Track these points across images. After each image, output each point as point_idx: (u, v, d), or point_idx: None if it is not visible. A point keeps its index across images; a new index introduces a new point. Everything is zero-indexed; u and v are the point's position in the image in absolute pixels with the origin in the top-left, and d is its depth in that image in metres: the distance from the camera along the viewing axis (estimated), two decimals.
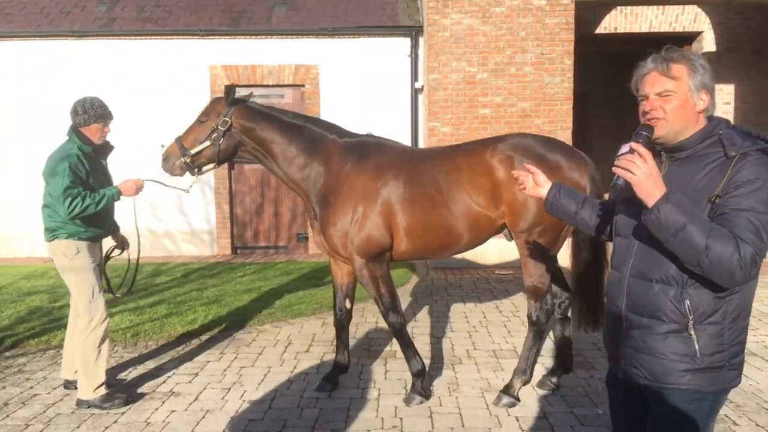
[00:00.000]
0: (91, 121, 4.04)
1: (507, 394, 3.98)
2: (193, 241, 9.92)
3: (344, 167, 4.04)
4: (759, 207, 1.75)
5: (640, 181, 1.75)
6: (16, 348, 5.29)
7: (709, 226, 1.73)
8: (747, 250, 1.70)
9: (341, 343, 4.39)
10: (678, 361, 1.88)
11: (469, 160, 4.00)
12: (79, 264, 4.01)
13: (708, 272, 1.75)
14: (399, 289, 7.18)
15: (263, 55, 9.61)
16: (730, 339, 1.87)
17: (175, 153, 4.10)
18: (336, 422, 3.77)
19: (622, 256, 2.01)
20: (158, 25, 9.66)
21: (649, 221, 1.78)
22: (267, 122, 4.11)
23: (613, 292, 2.05)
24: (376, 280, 4.01)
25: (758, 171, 1.78)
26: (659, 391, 1.94)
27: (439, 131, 8.55)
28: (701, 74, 1.89)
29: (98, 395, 4.01)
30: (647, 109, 1.91)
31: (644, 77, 1.93)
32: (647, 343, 1.93)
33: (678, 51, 1.93)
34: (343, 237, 3.97)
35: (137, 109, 9.10)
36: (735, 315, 1.87)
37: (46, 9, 9.99)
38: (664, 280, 1.88)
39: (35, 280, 7.89)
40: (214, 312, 6.20)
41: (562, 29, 8.48)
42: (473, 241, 4.08)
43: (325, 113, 9.64)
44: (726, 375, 1.89)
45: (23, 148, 9.42)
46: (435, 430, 3.63)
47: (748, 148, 1.82)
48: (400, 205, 3.95)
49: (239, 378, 4.53)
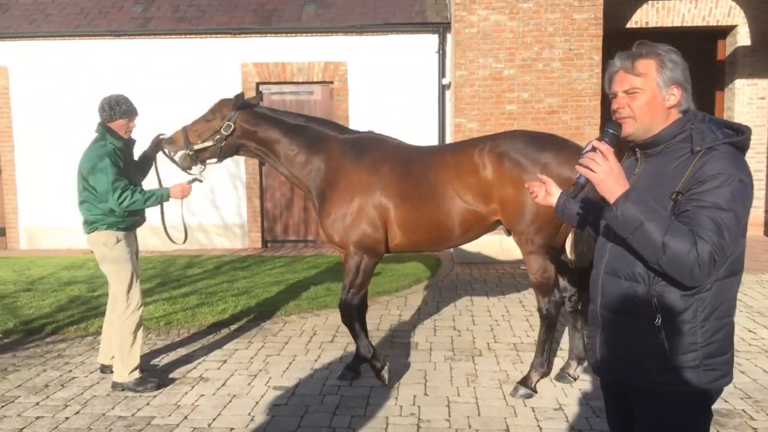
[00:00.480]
0: (117, 116, 4.24)
1: (524, 386, 4.06)
2: (226, 234, 10.18)
3: (343, 163, 4.20)
4: (721, 203, 1.71)
5: (601, 179, 1.75)
6: (56, 334, 5.57)
7: (668, 223, 1.71)
8: (704, 248, 1.67)
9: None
10: (648, 360, 1.85)
11: (458, 158, 4.11)
12: (117, 253, 4.22)
13: (667, 270, 1.73)
14: (425, 283, 7.31)
15: (293, 52, 9.79)
16: (703, 338, 1.81)
17: (178, 142, 4.33)
18: (356, 408, 3.90)
19: (599, 253, 2.01)
20: (192, 25, 9.92)
21: (609, 219, 1.79)
22: (270, 125, 4.31)
23: (592, 290, 2.04)
24: (359, 270, 4.18)
25: (722, 165, 1.74)
26: (639, 392, 1.93)
27: (465, 127, 8.60)
28: (670, 69, 1.85)
29: (132, 378, 4.22)
30: (615, 108, 1.91)
31: (613, 75, 1.92)
32: (619, 340, 1.92)
33: (648, 46, 1.89)
34: (338, 228, 4.14)
35: (170, 106, 9.36)
36: (707, 313, 1.81)
37: (86, 9, 10.35)
38: (631, 277, 1.86)
39: (75, 270, 8.22)
40: (244, 303, 6.40)
41: (590, 24, 8.44)
42: (466, 236, 4.19)
43: (353, 109, 9.81)
44: (702, 375, 1.82)
45: (63, 145, 9.79)
46: (451, 419, 3.74)
47: (714, 142, 1.79)
48: (392, 200, 4.09)
49: (265, 366, 4.71)
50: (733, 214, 1.72)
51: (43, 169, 10.02)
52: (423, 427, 3.63)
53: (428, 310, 6.18)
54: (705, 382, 1.83)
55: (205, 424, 3.73)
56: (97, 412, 3.92)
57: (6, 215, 10.26)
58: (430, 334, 5.41)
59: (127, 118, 4.28)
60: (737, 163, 1.77)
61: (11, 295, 6.87)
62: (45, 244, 10.22)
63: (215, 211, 10.12)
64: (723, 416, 3.71)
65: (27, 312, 6.17)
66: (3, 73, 10.01)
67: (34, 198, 10.15)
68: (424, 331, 5.50)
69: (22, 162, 10.15)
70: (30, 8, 10.46)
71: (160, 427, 3.70)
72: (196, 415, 3.86)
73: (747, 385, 4.17)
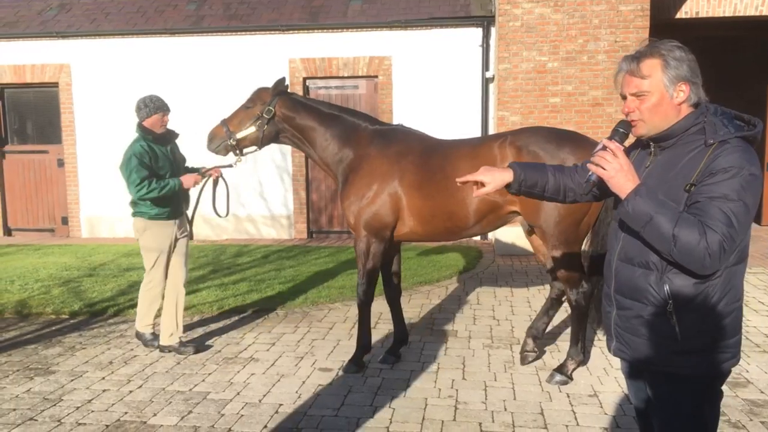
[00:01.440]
0: (151, 113, 4.74)
1: (560, 373, 4.18)
2: (273, 225, 10.52)
3: (368, 150, 4.40)
4: (731, 195, 1.78)
5: (611, 176, 1.86)
6: (118, 316, 5.96)
7: (678, 215, 1.80)
8: (714, 239, 1.75)
9: (395, 316, 4.73)
10: (660, 344, 1.95)
11: (477, 150, 4.24)
12: (144, 241, 4.81)
13: (679, 260, 1.82)
14: (466, 274, 7.44)
15: (339, 47, 10.02)
16: (713, 323, 1.90)
17: (220, 134, 4.57)
18: (396, 390, 4.10)
19: (613, 241, 2.11)
20: (243, 22, 10.26)
21: (622, 214, 1.90)
22: (307, 112, 4.53)
23: (606, 274, 2.14)
24: (369, 254, 4.38)
25: (734, 159, 1.81)
26: (651, 374, 2.04)
27: (508, 120, 8.67)
28: (675, 68, 1.90)
29: (173, 342, 4.85)
30: (626, 112, 1.99)
31: (622, 79, 1.98)
32: (632, 324, 2.02)
33: (651, 46, 1.93)
34: (354, 210, 4.35)
35: (221, 100, 9.70)
36: (717, 299, 1.89)
37: (143, 8, 10.82)
38: (645, 265, 1.95)
39: (132, 257, 8.68)
40: (291, 290, 6.68)
41: (636, 16, 8.37)
42: (482, 225, 4.30)
43: (397, 103, 9.98)
44: (713, 359, 1.91)
45: (123, 140, 10.25)
46: (488, 401, 3.90)
47: (727, 135, 1.86)
48: (409, 189, 4.26)
49: (311, 349, 4.95)
50: (742, 204, 1.79)
51: (102, 161, 10.55)
52: (460, 409, 3.80)
53: (468, 300, 6.33)
54: (716, 365, 1.92)
55: (256, 399, 4.00)
56: (158, 387, 4.23)
57: (69, 205, 10.86)
58: (470, 323, 5.57)
59: (159, 113, 4.76)
60: (749, 156, 1.84)
61: (75, 279, 7.34)
62: (104, 233, 10.78)
63: (263, 202, 10.47)
64: (758, 406, 3.76)
65: (91, 295, 6.60)
66: (66, 70, 10.58)
67: (93, 189, 10.71)
68: (464, 320, 5.65)
69: (83, 155, 10.71)
70: (91, 8, 11.00)
71: (215, 401, 3.98)
72: (247, 391, 4.13)
73: None
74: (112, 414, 3.82)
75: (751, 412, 3.70)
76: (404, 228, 4.37)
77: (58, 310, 6.09)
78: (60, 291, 6.78)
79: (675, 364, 1.95)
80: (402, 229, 4.38)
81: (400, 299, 4.78)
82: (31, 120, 11.09)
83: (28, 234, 11.06)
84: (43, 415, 3.81)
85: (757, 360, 4.53)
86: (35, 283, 7.12)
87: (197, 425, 3.65)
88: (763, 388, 4.04)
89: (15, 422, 3.72)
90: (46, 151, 10.94)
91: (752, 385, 4.09)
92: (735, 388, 4.02)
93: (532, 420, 3.64)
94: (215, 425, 3.64)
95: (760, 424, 3.54)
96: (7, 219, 11.10)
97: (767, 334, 5.09)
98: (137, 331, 5.06)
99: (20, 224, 11.12)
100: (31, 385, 4.30)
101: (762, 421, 3.58)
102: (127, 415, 3.80)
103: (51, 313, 6.03)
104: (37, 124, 11.07)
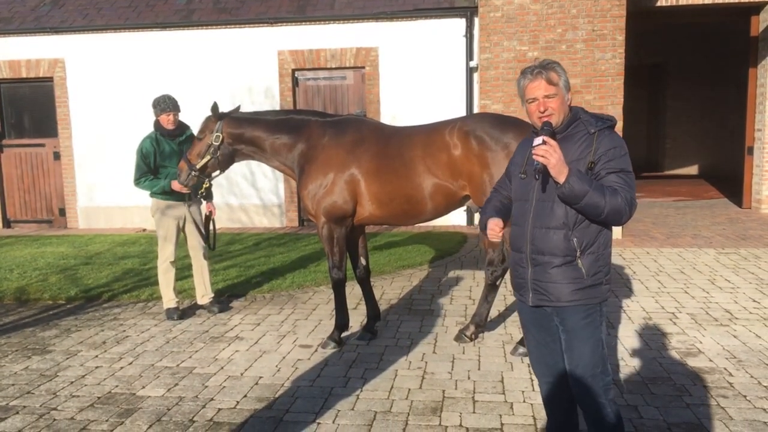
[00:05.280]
0: (159, 112, 5.41)
1: (523, 345, 4.46)
2: (265, 214, 10.80)
3: (322, 141, 4.65)
4: (626, 168, 2.49)
5: (553, 165, 2.38)
6: (112, 301, 6.25)
7: (603, 188, 2.39)
8: (628, 198, 2.41)
9: (366, 294, 5.04)
10: (571, 284, 2.53)
11: (430, 137, 4.51)
12: (156, 220, 5.57)
13: (606, 220, 2.47)
14: (450, 258, 7.71)
15: (326, 39, 10.25)
16: (603, 261, 2.55)
17: (184, 169, 4.95)
18: (370, 363, 4.39)
19: (523, 215, 2.62)
20: (232, 15, 10.48)
21: (562, 193, 2.41)
22: (252, 125, 4.80)
23: (518, 242, 2.64)
24: (333, 239, 4.67)
25: (615, 140, 2.51)
26: (562, 311, 2.57)
27: (490, 109, 8.90)
28: (564, 77, 2.56)
29: (205, 302, 5.75)
30: (541, 109, 2.53)
31: (530, 85, 2.54)
32: (550, 274, 2.56)
33: (548, 62, 2.56)
34: (312, 199, 4.60)
35: (212, 93, 9.97)
36: (605, 244, 2.57)
37: (134, 3, 11.04)
38: (558, 226, 2.52)
39: (128, 246, 8.97)
40: (279, 275, 6.97)
41: (613, 5, 8.59)
42: (437, 210, 4.59)
43: (384, 93, 10.22)
44: (603, 289, 2.57)
45: (116, 131, 10.56)
46: (453, 372, 4.18)
47: (601, 125, 2.54)
48: (367, 175, 4.52)
49: (293, 328, 5.24)
50: (632, 173, 2.50)
51: (98, 153, 10.82)
52: (427, 378, 4.09)
53: (448, 282, 6.61)
54: (605, 292, 2.58)
55: (238, 373, 4.29)
56: (147, 363, 4.52)
57: (66, 197, 11.14)
58: (447, 303, 5.85)
59: (166, 113, 5.38)
60: (620, 139, 2.53)
61: (72, 267, 7.62)
62: (101, 223, 11.06)
63: (255, 192, 10.74)
64: (704, 373, 4.04)
65: (86, 282, 6.89)
66: (60, 64, 10.82)
67: (90, 180, 10.99)
68: (441, 300, 5.94)
69: (78, 147, 10.97)
70: (84, 3, 11.22)
71: (200, 375, 4.27)
72: (230, 366, 4.42)
73: (736, 348, 4.48)
74: (104, 387, 4.11)
75: (696, 377, 3.98)
76: (364, 212, 4.64)
77: (55, 295, 6.38)
78: (57, 278, 7.06)
79: (586, 297, 2.52)
80: (362, 213, 4.65)
81: (369, 279, 5.06)
82: (27, 114, 11.34)
83: (26, 225, 11.35)
84: (40, 389, 4.10)
85: (712, 332, 4.81)
86: (33, 272, 7.41)
87: (182, 395, 3.94)
88: (712, 356, 4.32)
89: (14, 395, 4.01)
90: (43, 145, 11.21)
91: (702, 354, 4.37)
92: (686, 357, 4.31)
93: (492, 387, 3.93)
94: (199, 395, 3.93)
95: (703, 388, 3.83)
96: (6, 211, 11.39)
97: (726, 309, 5.37)
98: (165, 310, 5.62)
99: (19, 216, 11.42)
100: (29, 363, 4.59)
101: (705, 385, 3.86)
102: (118, 388, 4.09)
103: (48, 299, 6.32)
104: (33, 118, 11.32)
